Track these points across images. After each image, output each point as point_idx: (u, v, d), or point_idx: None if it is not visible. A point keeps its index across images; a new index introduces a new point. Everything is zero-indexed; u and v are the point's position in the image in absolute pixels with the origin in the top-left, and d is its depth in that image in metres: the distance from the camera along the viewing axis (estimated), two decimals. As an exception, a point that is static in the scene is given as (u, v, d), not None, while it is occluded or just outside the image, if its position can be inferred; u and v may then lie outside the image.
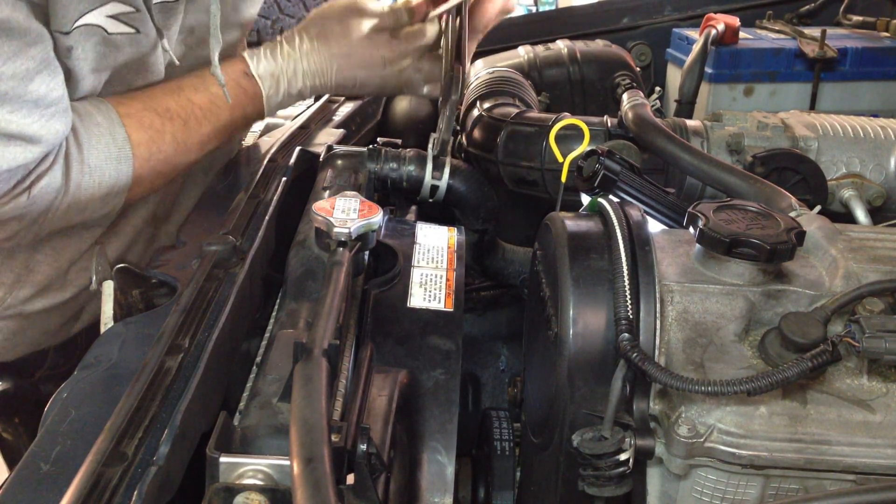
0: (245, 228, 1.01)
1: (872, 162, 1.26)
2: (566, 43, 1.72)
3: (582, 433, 0.79)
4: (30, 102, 1.03)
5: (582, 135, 1.30)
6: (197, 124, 1.23)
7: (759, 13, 1.96)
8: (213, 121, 1.25)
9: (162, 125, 1.20)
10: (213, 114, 1.25)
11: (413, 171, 1.24)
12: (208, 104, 1.24)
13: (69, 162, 1.11)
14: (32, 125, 1.03)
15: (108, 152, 1.14)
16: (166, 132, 1.20)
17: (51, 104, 1.05)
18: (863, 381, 0.79)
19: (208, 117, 1.24)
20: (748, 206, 0.86)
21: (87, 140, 1.12)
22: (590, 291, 0.83)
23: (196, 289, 0.87)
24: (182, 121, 1.22)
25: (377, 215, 0.92)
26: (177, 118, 1.21)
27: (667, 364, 0.79)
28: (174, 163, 1.23)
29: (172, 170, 1.25)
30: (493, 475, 1.05)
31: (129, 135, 1.16)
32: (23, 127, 1.02)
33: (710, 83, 1.70)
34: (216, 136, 1.27)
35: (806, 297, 0.82)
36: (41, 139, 1.05)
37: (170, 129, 1.20)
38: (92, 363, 0.83)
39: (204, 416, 0.73)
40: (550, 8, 5.90)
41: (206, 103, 1.24)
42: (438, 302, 0.97)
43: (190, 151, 1.24)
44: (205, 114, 1.24)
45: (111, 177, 1.15)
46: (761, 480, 0.77)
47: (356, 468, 0.65)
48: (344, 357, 0.76)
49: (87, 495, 0.61)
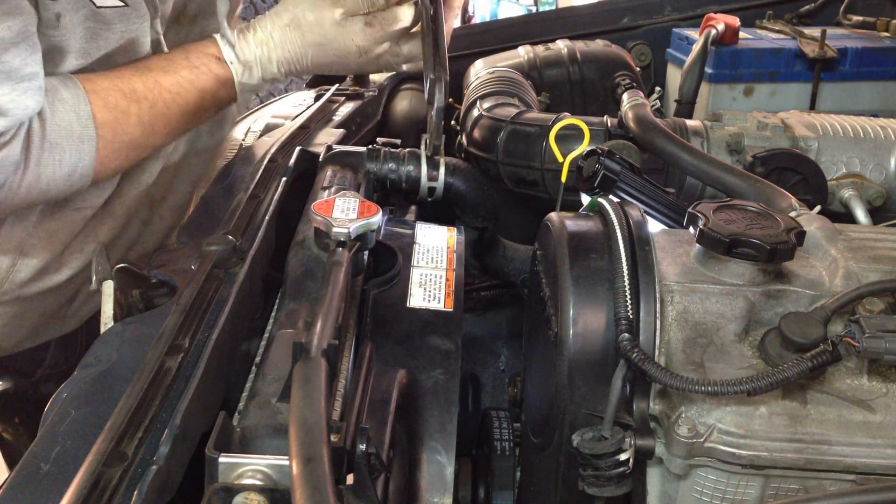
0: (245, 228, 1.01)
1: (872, 162, 1.26)
2: (566, 43, 1.72)
3: (582, 433, 0.79)
4: (2, 73, 1.01)
5: (582, 135, 1.30)
6: (164, 107, 1.20)
7: (759, 13, 1.96)
8: (181, 104, 1.22)
9: (128, 106, 1.17)
10: (182, 98, 1.22)
11: (412, 172, 1.24)
12: (177, 87, 1.21)
13: (31, 136, 1.08)
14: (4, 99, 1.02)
15: (70, 129, 1.12)
16: (132, 113, 1.17)
17: (24, 79, 1.04)
18: (863, 381, 0.79)
19: (177, 101, 1.21)
20: (748, 206, 0.86)
21: (49, 115, 1.10)
22: (590, 291, 0.83)
23: (196, 289, 0.87)
24: (149, 103, 1.19)
25: (376, 215, 0.92)
26: (144, 100, 1.18)
27: (667, 364, 0.79)
28: (140, 145, 1.21)
29: (139, 152, 1.22)
30: (493, 475, 1.05)
31: (94, 113, 1.13)
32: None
33: (710, 83, 1.70)
34: (185, 120, 1.24)
35: (806, 297, 0.82)
36: (7, 112, 1.03)
37: (135, 111, 1.18)
38: (92, 363, 0.83)
39: (204, 416, 0.73)
40: (550, 8, 5.90)
41: (175, 86, 1.21)
42: (438, 302, 0.97)
43: (157, 134, 1.22)
44: (173, 97, 1.21)
45: (73, 155, 1.12)
46: (761, 480, 0.77)
47: (355, 468, 0.65)
48: (343, 357, 0.75)
49: (87, 495, 0.61)
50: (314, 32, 1.24)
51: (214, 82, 1.24)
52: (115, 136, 1.16)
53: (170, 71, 1.22)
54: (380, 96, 1.72)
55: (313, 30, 1.24)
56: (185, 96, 1.22)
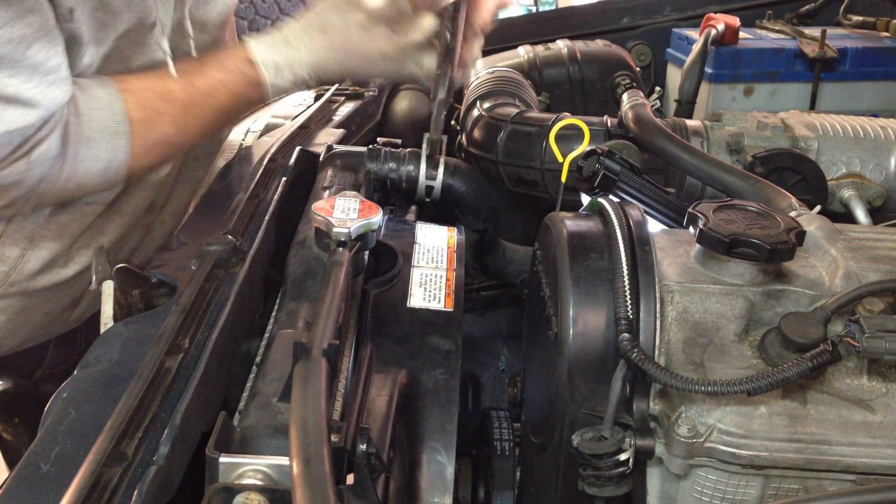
0: (245, 228, 1.01)
1: (872, 162, 1.26)
2: (566, 43, 1.72)
3: (582, 433, 0.79)
4: (28, 67, 1.05)
5: (582, 135, 1.30)
6: (198, 108, 1.24)
7: (759, 13, 1.96)
8: (214, 105, 1.26)
9: (163, 106, 1.21)
10: (215, 99, 1.26)
11: (412, 171, 1.24)
12: (210, 89, 1.25)
13: (67, 130, 1.12)
14: (31, 90, 1.06)
15: (105, 125, 1.16)
16: (166, 113, 1.21)
17: (49, 71, 1.07)
18: (863, 381, 0.79)
19: (210, 101, 1.25)
20: (748, 206, 0.86)
21: (86, 111, 1.14)
22: (590, 291, 0.83)
23: (196, 289, 0.87)
24: (182, 104, 1.23)
25: (377, 215, 0.91)
26: (177, 101, 1.22)
27: (667, 364, 0.79)
28: (173, 143, 1.25)
29: (172, 150, 1.27)
30: (493, 475, 1.05)
31: (128, 111, 1.17)
32: (21, 91, 1.05)
33: (710, 83, 1.70)
34: (217, 121, 1.29)
35: (806, 297, 0.82)
36: (39, 104, 1.07)
37: (170, 111, 1.22)
38: (92, 363, 0.83)
39: (204, 416, 0.73)
40: (550, 8, 5.90)
41: (208, 87, 1.25)
42: (438, 302, 0.97)
43: (190, 134, 1.26)
44: (206, 98, 1.25)
45: (108, 150, 1.16)
46: (761, 480, 0.77)
47: (356, 468, 0.65)
48: (343, 357, 0.75)
49: (87, 495, 0.61)
50: (340, 36, 1.26)
51: (246, 84, 1.28)
52: (148, 134, 1.20)
53: (203, 73, 1.26)
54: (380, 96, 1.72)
55: (340, 33, 1.26)
56: (218, 97, 1.26)
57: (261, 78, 1.27)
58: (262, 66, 1.27)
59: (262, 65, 1.27)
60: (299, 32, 1.28)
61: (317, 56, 1.27)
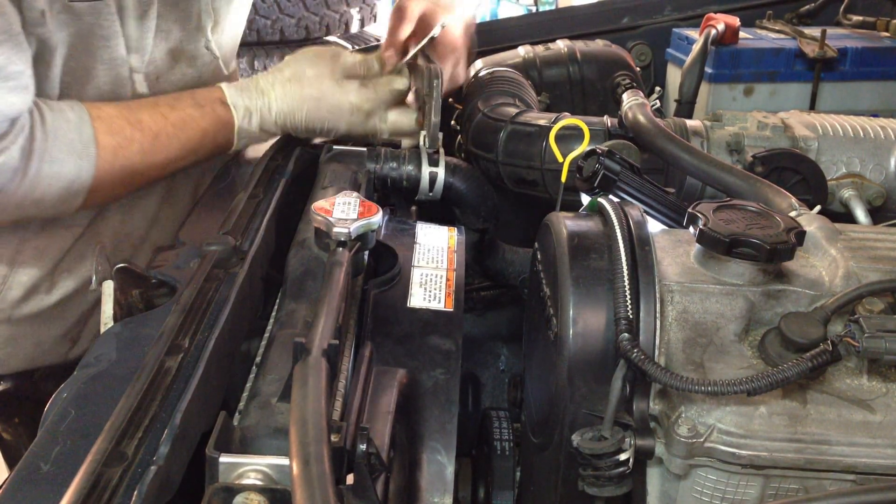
0: (245, 228, 1.01)
1: (872, 162, 1.26)
2: (566, 43, 1.72)
3: (582, 433, 0.79)
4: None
5: (582, 135, 1.30)
6: (167, 139, 1.26)
7: (759, 13, 1.95)
8: (182, 140, 1.27)
9: (131, 134, 1.22)
10: (185, 134, 1.27)
11: (412, 171, 1.24)
12: (181, 122, 1.27)
13: (32, 146, 1.13)
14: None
15: (71, 146, 1.17)
16: (135, 141, 1.22)
17: (9, 77, 1.08)
18: (863, 381, 0.79)
19: (179, 136, 1.27)
20: (748, 206, 0.86)
21: (53, 131, 1.15)
22: (590, 291, 0.83)
23: (196, 289, 0.87)
24: (153, 134, 1.24)
25: (377, 215, 0.92)
26: (147, 130, 1.24)
27: (667, 364, 0.79)
28: (138, 173, 1.26)
29: (135, 179, 1.27)
30: (493, 475, 1.05)
31: (97, 137, 1.19)
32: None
33: (710, 83, 1.70)
34: (183, 157, 1.29)
35: (806, 297, 0.82)
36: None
37: (139, 139, 1.23)
38: (92, 363, 0.83)
39: (204, 416, 0.73)
40: (550, 8, 5.90)
41: (179, 122, 1.27)
42: (438, 302, 0.97)
43: (155, 166, 1.27)
44: (176, 131, 1.26)
45: (71, 171, 1.17)
46: (761, 480, 0.77)
47: (356, 468, 0.65)
48: (343, 357, 0.75)
49: (87, 495, 0.61)
50: (312, 86, 1.30)
51: (216, 123, 1.30)
52: (115, 160, 1.21)
53: (176, 107, 1.28)
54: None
55: (312, 84, 1.30)
56: (188, 132, 1.27)
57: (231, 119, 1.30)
58: (233, 108, 1.30)
59: (233, 107, 1.30)
60: (272, 81, 1.32)
61: (287, 104, 1.30)
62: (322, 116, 1.31)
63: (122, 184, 1.25)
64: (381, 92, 1.32)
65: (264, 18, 3.93)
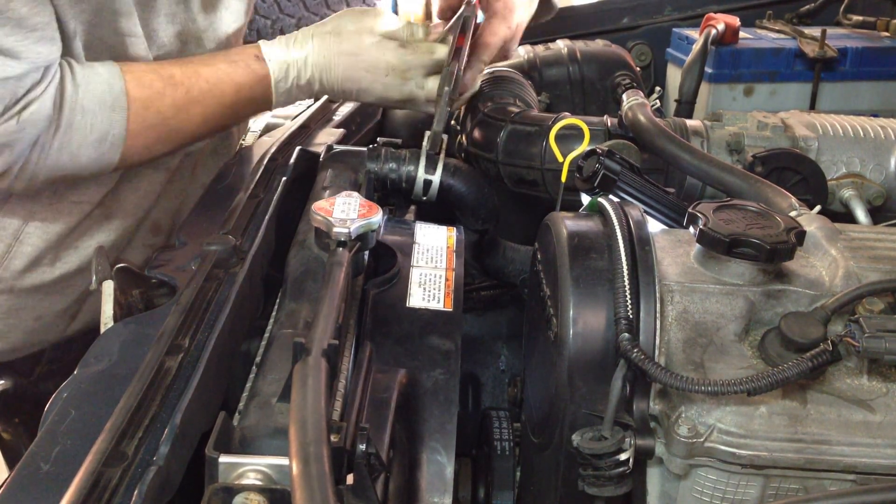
0: (245, 228, 1.01)
1: (872, 162, 1.26)
2: (566, 43, 1.72)
3: (582, 433, 0.79)
4: (11, 20, 1.06)
5: (582, 135, 1.30)
6: (200, 95, 1.24)
7: (759, 13, 1.95)
8: (217, 95, 1.26)
9: (163, 88, 1.21)
10: (219, 89, 1.26)
11: (412, 171, 1.24)
12: (215, 79, 1.26)
13: (63, 96, 1.13)
14: (13, 41, 1.07)
15: (102, 99, 1.17)
16: (166, 95, 1.22)
17: (34, 28, 1.09)
18: (863, 381, 0.79)
19: (213, 91, 1.25)
20: (748, 206, 0.86)
21: (84, 83, 1.15)
22: (590, 291, 0.83)
23: (196, 289, 0.87)
24: (185, 88, 1.23)
25: (377, 215, 0.92)
26: (180, 85, 1.23)
27: (667, 364, 0.79)
28: (174, 128, 1.25)
29: (172, 135, 1.26)
30: (493, 475, 1.05)
31: (128, 90, 1.18)
32: (2, 41, 1.06)
33: (710, 83, 1.70)
34: (220, 114, 1.28)
35: (806, 297, 0.82)
36: (21, 55, 1.08)
37: (171, 94, 1.22)
38: (92, 363, 0.83)
39: (204, 416, 0.73)
40: (550, 8, 5.88)
41: (213, 77, 1.25)
42: (438, 302, 0.97)
43: (191, 121, 1.25)
44: (210, 87, 1.25)
45: (103, 123, 1.17)
46: (761, 480, 0.77)
47: (355, 468, 0.65)
48: (343, 357, 0.75)
49: (87, 495, 0.61)
50: (351, 42, 1.28)
51: (251, 77, 1.28)
52: (147, 112, 1.20)
53: (209, 63, 1.27)
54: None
55: (351, 38, 1.28)
56: (222, 87, 1.26)
57: (267, 73, 1.28)
58: (269, 62, 1.28)
59: (269, 60, 1.28)
60: (311, 33, 1.30)
61: (324, 58, 1.28)
62: (358, 75, 1.29)
63: (159, 140, 1.25)
64: (421, 57, 1.29)
65: (264, 18, 3.92)
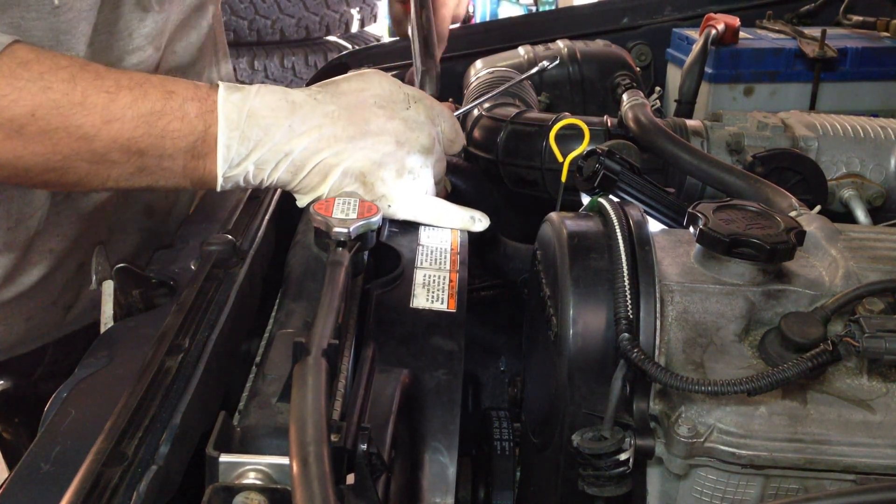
0: (245, 228, 1.01)
1: (872, 162, 1.26)
2: (566, 43, 1.72)
3: (582, 433, 0.79)
4: None
5: (582, 135, 1.30)
6: (74, 110, 0.90)
7: (759, 13, 1.95)
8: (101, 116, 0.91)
9: (64, 60, 0.91)
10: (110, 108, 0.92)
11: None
12: (113, 92, 0.92)
13: None
14: None
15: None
16: (62, 67, 0.90)
17: None
18: (863, 381, 0.79)
19: (98, 110, 0.91)
20: (748, 206, 0.86)
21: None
22: (590, 291, 0.83)
23: (196, 289, 0.87)
24: (93, 74, 0.91)
25: (376, 215, 0.92)
26: (89, 70, 0.92)
27: (667, 364, 0.79)
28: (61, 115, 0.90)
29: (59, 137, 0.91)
30: (493, 475, 1.05)
31: (15, 49, 0.89)
32: None
33: (710, 83, 1.70)
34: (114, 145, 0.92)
35: (806, 297, 0.82)
36: None
37: (67, 66, 0.90)
38: (92, 363, 0.83)
39: (204, 416, 0.73)
40: (550, 8, 5.91)
41: (113, 86, 0.92)
42: (441, 303, 0.97)
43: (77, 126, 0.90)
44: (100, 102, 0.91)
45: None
46: (761, 480, 0.77)
47: (356, 468, 0.65)
48: (343, 357, 0.75)
49: (87, 495, 0.61)
50: None
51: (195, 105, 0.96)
52: (23, 71, 0.88)
53: (126, 75, 0.95)
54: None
55: None
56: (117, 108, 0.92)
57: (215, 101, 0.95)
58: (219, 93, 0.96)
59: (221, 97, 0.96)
60: None
61: None
62: None
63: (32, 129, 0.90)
64: None
65: (264, 18, 3.93)
